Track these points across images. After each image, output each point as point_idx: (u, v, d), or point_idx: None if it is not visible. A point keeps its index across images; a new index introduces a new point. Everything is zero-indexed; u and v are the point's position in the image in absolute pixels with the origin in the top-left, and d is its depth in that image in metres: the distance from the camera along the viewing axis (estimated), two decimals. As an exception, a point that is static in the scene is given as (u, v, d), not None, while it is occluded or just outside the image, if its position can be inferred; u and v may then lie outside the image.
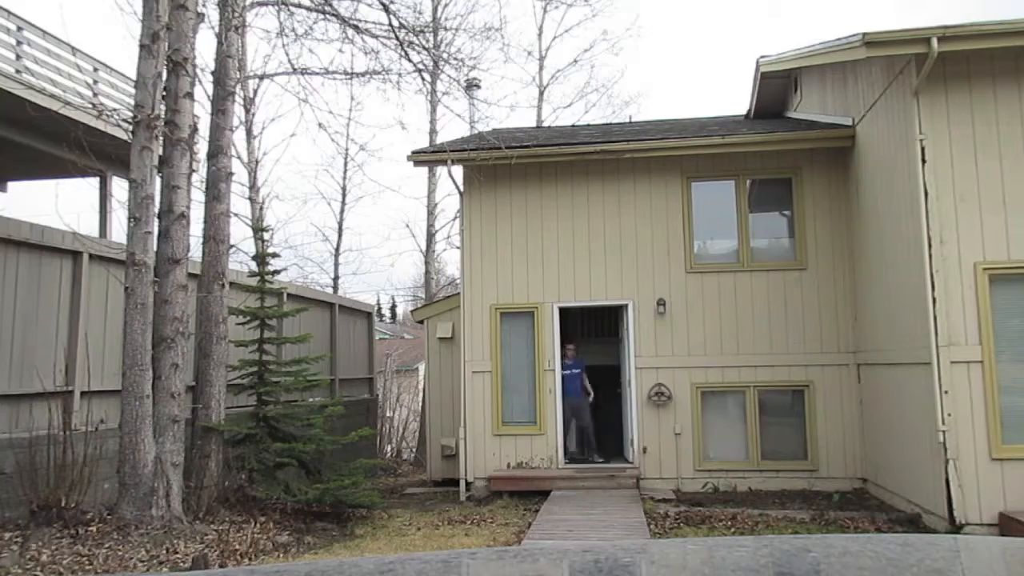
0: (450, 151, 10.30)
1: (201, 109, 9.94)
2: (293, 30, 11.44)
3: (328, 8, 10.23)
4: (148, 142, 7.38)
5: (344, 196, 22.24)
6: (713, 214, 10.30)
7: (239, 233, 26.73)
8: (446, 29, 16.90)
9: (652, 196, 10.32)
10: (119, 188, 12.65)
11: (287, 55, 27.07)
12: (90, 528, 6.71)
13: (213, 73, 9.29)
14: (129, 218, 7.32)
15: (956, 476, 7.01)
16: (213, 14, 9.85)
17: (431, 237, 20.01)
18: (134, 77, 7.67)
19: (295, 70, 11.46)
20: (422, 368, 19.88)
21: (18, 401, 7.41)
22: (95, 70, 11.75)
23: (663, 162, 10.31)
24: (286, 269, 11.37)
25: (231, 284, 9.25)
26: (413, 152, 10.77)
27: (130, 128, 7.48)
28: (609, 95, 40.25)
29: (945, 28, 7.06)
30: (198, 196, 9.80)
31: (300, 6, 10.44)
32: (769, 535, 2.42)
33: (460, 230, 10.75)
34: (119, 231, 11.81)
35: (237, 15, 9.20)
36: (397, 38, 9.95)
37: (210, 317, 8.68)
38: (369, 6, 10.79)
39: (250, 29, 13.06)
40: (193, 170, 8.32)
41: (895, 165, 8.10)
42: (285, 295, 12.11)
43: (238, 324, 9.32)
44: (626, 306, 10.24)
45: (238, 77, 10.20)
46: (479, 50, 35.94)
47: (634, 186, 10.37)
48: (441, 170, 17.80)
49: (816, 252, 9.98)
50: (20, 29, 10.38)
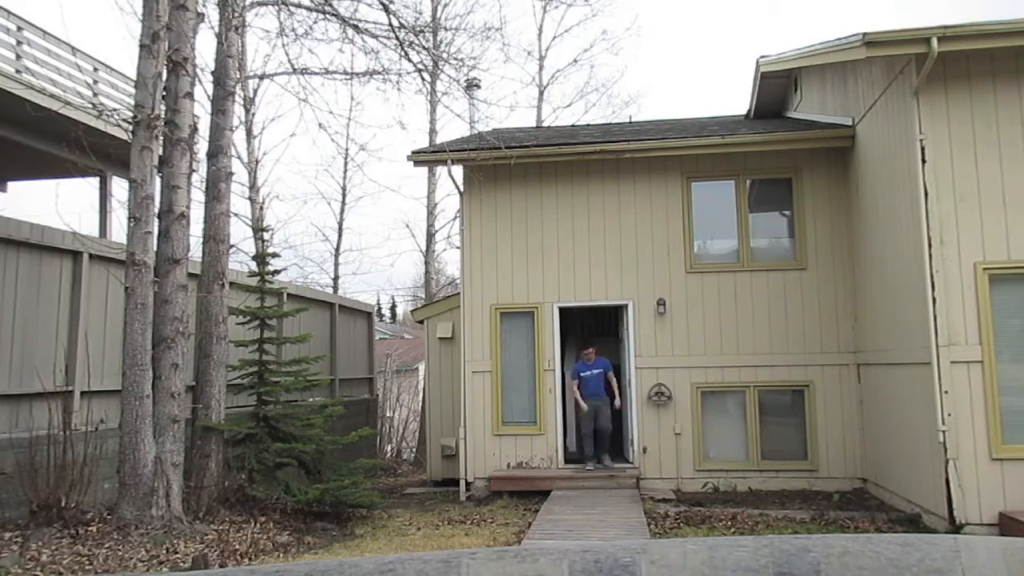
0: (450, 151, 10.30)
1: (201, 109, 9.95)
2: (293, 30, 11.46)
3: (328, 8, 10.24)
4: (148, 142, 7.39)
5: (344, 196, 22.26)
6: (713, 214, 10.31)
7: (239, 233, 26.68)
8: (446, 29, 16.91)
9: (652, 196, 10.32)
10: (119, 188, 12.68)
11: (287, 55, 27.13)
12: (90, 528, 6.72)
13: (213, 73, 9.29)
14: (129, 218, 7.33)
15: (956, 476, 7.01)
16: (213, 14, 9.87)
17: (431, 237, 20.01)
18: (134, 77, 7.68)
19: (295, 70, 11.48)
20: (422, 368, 19.89)
21: (18, 401, 7.42)
22: (95, 70, 11.75)
23: (663, 162, 10.31)
24: (286, 269, 11.40)
25: (231, 284, 9.25)
26: (413, 152, 10.78)
27: (130, 128, 7.48)
28: (609, 95, 40.41)
29: (945, 28, 7.06)
30: (198, 196, 9.82)
31: (300, 6, 10.44)
32: (769, 535, 2.42)
33: (460, 230, 10.75)
34: (119, 231, 11.82)
35: (237, 15, 9.20)
36: (397, 38, 9.96)
37: (210, 317, 8.68)
38: (369, 6, 10.81)
39: (250, 29, 13.07)
40: (193, 170, 8.33)
41: (895, 165, 8.10)
42: (285, 295, 12.11)
43: (238, 324, 9.33)
44: (626, 306, 10.24)
45: (238, 77, 10.20)
46: (479, 50, 35.97)
47: (634, 186, 10.38)
48: (441, 170, 17.81)
49: (816, 252, 9.98)
50: (20, 29, 10.38)
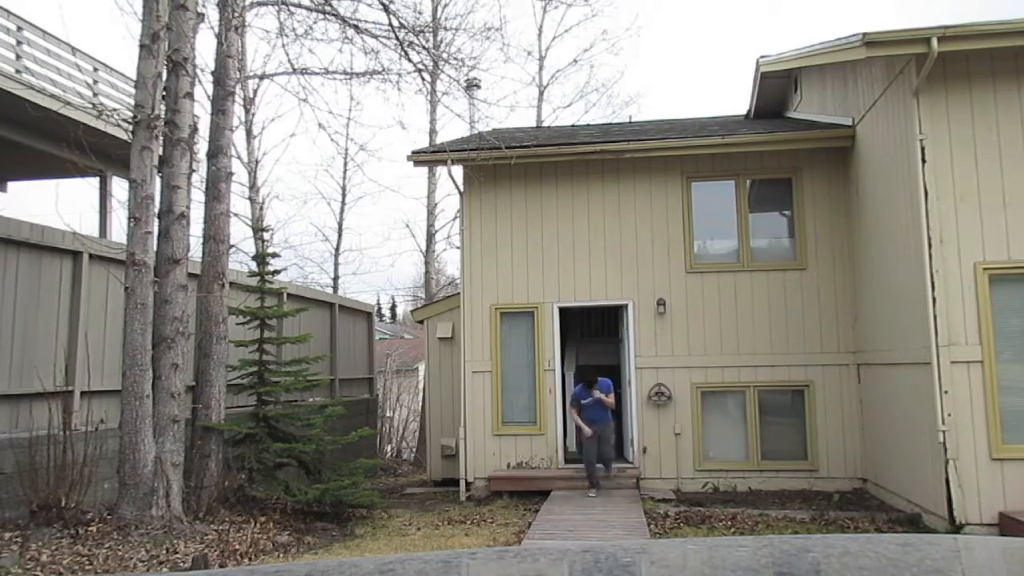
0: (450, 151, 10.30)
1: (201, 109, 9.95)
2: (293, 30, 11.48)
3: (328, 8, 10.24)
4: (148, 142, 7.38)
5: (344, 196, 22.26)
6: (713, 214, 10.30)
7: (239, 233, 26.73)
8: (446, 29, 16.90)
9: (652, 196, 10.32)
10: (119, 188, 12.66)
11: (287, 55, 27.14)
12: (90, 528, 6.71)
13: (213, 73, 9.29)
14: (129, 218, 7.32)
15: (956, 476, 7.01)
16: (213, 14, 9.86)
17: (431, 237, 20.01)
18: (134, 77, 7.67)
19: (295, 70, 11.48)
20: (422, 368, 19.89)
21: (18, 401, 7.42)
22: (95, 70, 11.75)
23: (663, 162, 10.31)
24: (286, 269, 11.40)
25: (231, 284, 9.25)
26: (413, 152, 10.78)
27: (130, 128, 7.48)
28: (609, 95, 40.41)
29: (945, 28, 7.05)
30: (198, 196, 9.82)
31: (300, 6, 10.44)
32: (769, 535, 2.42)
33: (460, 230, 10.75)
34: (119, 231, 11.82)
35: (237, 15, 9.19)
36: (397, 38, 9.96)
37: (210, 317, 8.68)
38: (369, 6, 10.82)
39: (250, 29, 13.06)
40: (193, 170, 8.32)
41: (895, 165, 8.10)
42: (285, 295, 12.11)
43: (238, 324, 9.32)
44: (626, 306, 10.24)
45: (238, 77, 10.20)
46: (479, 50, 35.97)
47: (634, 186, 10.37)
48: (441, 170, 17.81)
49: (816, 252, 9.98)
50: (20, 29, 10.38)
